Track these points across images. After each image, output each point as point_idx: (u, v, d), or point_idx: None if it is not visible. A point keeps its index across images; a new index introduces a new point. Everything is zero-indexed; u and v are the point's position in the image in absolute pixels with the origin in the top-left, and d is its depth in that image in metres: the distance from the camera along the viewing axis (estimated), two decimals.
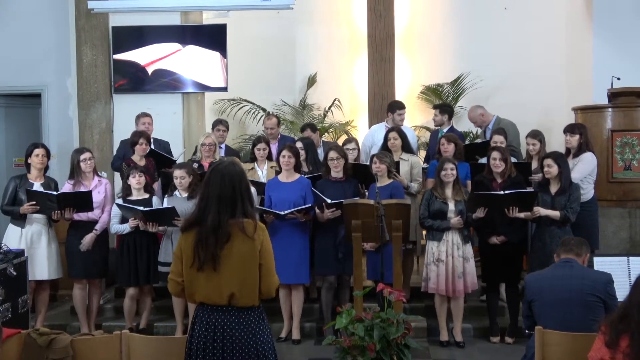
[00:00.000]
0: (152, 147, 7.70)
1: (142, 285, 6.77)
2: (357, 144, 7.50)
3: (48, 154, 6.86)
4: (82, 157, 6.75)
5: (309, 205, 6.48)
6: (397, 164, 6.99)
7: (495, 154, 6.60)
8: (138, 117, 7.86)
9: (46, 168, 6.86)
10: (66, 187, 6.76)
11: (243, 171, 3.63)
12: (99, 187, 6.79)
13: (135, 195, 6.67)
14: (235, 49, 9.17)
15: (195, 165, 7.14)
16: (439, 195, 6.51)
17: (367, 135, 8.42)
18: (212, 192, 3.49)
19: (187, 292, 3.54)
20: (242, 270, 3.45)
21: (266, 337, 3.55)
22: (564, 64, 9.83)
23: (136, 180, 6.63)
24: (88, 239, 6.70)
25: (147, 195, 6.72)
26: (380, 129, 8.26)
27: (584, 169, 6.83)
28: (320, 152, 7.85)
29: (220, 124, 8.02)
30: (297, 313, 6.74)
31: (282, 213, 6.36)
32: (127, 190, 6.71)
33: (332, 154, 6.62)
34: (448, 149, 7.10)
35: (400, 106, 8.21)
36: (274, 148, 7.75)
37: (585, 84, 9.01)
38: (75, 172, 6.76)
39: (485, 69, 9.80)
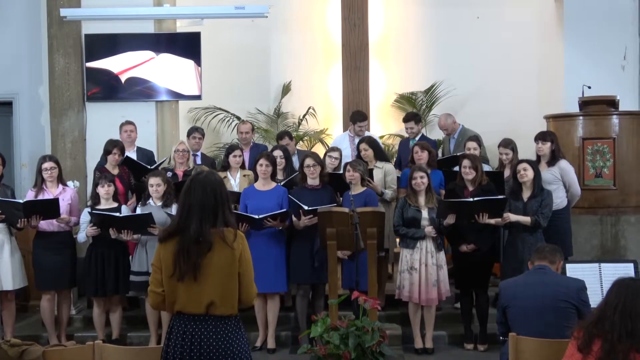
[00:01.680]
0: (136, 156, 7.67)
1: (109, 295, 6.69)
2: (340, 154, 7.51)
3: (3, 162, 6.74)
4: (43, 166, 6.68)
5: (284, 210, 6.46)
6: (371, 171, 7.01)
7: (465, 162, 6.64)
8: (121, 126, 7.81)
9: (1, 177, 6.71)
10: (29, 194, 6.68)
11: (222, 180, 3.65)
12: (63, 195, 6.71)
13: (104, 204, 6.59)
14: (209, 57, 9.14)
15: (169, 174, 7.10)
16: (412, 202, 6.53)
17: (332, 143, 8.43)
18: (194, 202, 3.48)
19: (167, 303, 3.51)
20: (222, 279, 3.45)
21: (243, 346, 3.53)
22: (536, 73, 9.93)
23: (105, 190, 6.55)
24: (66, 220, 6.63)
25: (115, 204, 6.64)
26: (344, 138, 8.32)
27: (573, 178, 6.94)
28: (295, 160, 7.85)
29: (195, 132, 7.99)
30: (273, 322, 6.71)
31: (258, 217, 6.33)
32: (95, 199, 6.62)
33: (309, 161, 6.61)
34: (422, 156, 7.13)
35: (361, 119, 8.22)
36: (245, 156, 7.74)
37: (556, 93, 9.10)
38: (37, 180, 6.69)
39: (458, 77, 9.86)
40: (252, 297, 3.58)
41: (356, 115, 8.30)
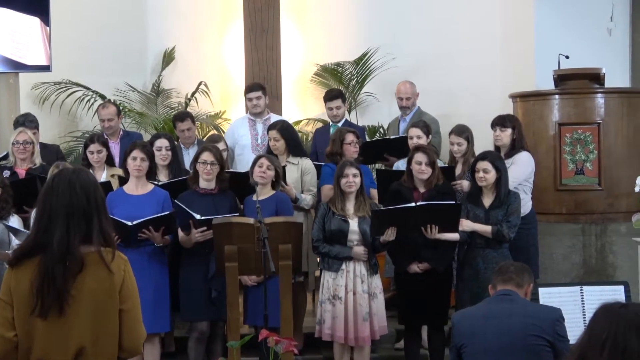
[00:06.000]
0: None
1: None
2: (226, 144, 7.55)
3: None
4: None
5: (168, 212, 6.40)
6: (283, 169, 7.01)
7: (420, 156, 6.61)
8: None
9: None
10: None
11: (97, 181, 3.60)
12: None
13: None
14: (61, 14, 8.98)
15: (6, 173, 6.94)
16: (337, 210, 6.55)
17: (228, 133, 8.49)
18: (57, 205, 3.40)
19: (20, 351, 3.41)
20: (97, 315, 3.40)
21: None
22: (499, 38, 10.08)
23: None
24: None
25: None
26: (243, 123, 8.36)
27: (521, 173, 7.02)
28: (192, 153, 7.77)
29: (28, 124, 7.80)
30: None
31: (131, 224, 6.23)
32: None
33: (206, 156, 6.53)
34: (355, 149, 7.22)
35: (250, 88, 8.28)
36: (115, 149, 7.68)
37: (525, 64, 9.30)
38: None
39: (399, 44, 9.97)
40: (138, 342, 3.56)
41: (247, 87, 8.38)
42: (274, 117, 8.24)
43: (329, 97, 8.44)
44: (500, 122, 7.17)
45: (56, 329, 3.37)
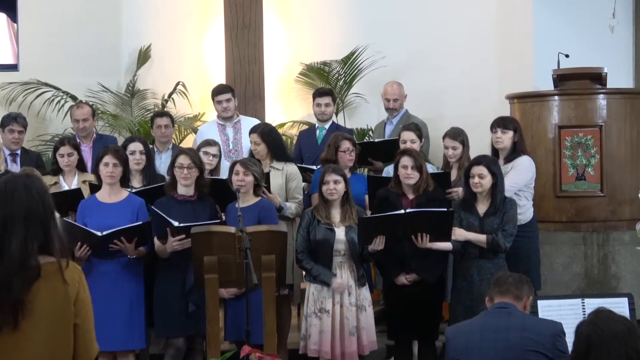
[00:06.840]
0: None
1: None
2: (220, 150, 7.51)
3: None
4: None
5: (142, 222, 6.36)
6: (267, 175, 6.98)
7: (406, 160, 6.59)
8: None
9: None
10: None
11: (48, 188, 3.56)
12: None
13: None
14: (30, 10, 8.96)
15: None
16: (322, 218, 6.52)
17: (197, 139, 8.42)
18: (13, 211, 3.33)
19: None
20: (52, 329, 3.35)
21: None
22: (495, 36, 10.09)
23: None
24: None
25: None
26: (211, 128, 8.33)
27: (521, 178, 7.00)
28: (163, 158, 7.75)
29: (14, 122, 7.87)
30: None
31: (101, 234, 6.19)
32: None
33: (183, 160, 6.49)
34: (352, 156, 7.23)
35: (218, 91, 8.26)
36: (87, 153, 7.66)
37: (523, 64, 9.31)
38: None
39: (387, 42, 9.97)
40: (91, 358, 3.50)
41: (215, 89, 8.36)
42: (244, 120, 8.24)
43: (320, 92, 8.48)
44: (502, 123, 7.12)
45: (9, 344, 3.31)
